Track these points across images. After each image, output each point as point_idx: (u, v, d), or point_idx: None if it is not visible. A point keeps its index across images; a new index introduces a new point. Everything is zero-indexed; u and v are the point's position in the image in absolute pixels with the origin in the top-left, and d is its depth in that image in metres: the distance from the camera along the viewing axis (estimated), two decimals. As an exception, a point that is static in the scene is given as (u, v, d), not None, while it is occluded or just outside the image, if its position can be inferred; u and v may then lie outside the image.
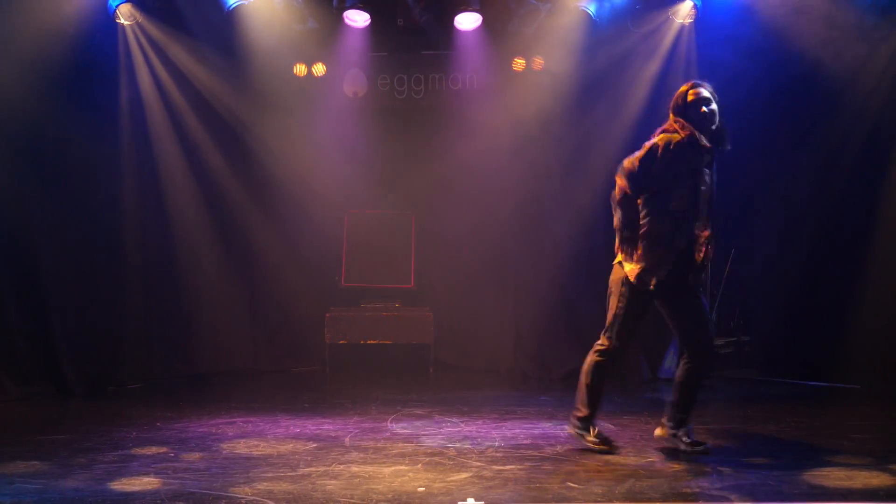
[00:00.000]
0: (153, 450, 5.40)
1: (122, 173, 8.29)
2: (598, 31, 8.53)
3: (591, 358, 5.31)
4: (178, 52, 8.58)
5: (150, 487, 4.53)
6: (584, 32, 8.51)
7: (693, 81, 5.33)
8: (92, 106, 8.06)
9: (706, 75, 8.36)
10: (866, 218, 7.93)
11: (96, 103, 8.12)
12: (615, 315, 5.27)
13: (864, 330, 7.90)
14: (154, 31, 8.46)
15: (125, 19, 8.32)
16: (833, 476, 4.73)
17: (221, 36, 8.55)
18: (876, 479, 4.66)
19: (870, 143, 7.95)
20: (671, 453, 5.25)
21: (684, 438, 5.23)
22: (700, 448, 5.18)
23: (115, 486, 4.56)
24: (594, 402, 5.31)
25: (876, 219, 7.87)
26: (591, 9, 8.39)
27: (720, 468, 4.90)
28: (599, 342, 5.31)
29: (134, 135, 8.38)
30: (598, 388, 5.29)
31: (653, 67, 8.59)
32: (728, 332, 8.94)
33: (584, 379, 5.31)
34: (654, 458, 5.14)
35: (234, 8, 8.31)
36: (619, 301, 5.27)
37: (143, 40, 8.43)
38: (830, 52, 7.88)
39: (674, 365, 7.69)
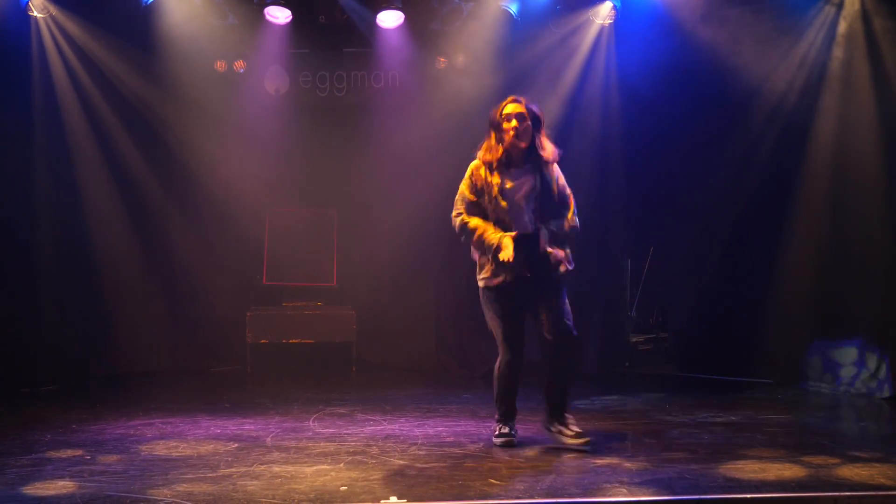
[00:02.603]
0: (68, 452, 5.28)
1: (36, 171, 8.09)
2: (520, 31, 8.60)
3: None
4: (95, 48, 8.41)
5: (65, 491, 4.43)
6: (506, 32, 8.58)
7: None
8: (3, 102, 7.86)
9: (625, 75, 8.62)
10: (778, 216, 8.12)
11: (7, 99, 7.92)
12: None
13: (775, 325, 8.10)
14: (69, 24, 8.27)
15: (38, 12, 8.12)
16: (747, 469, 4.85)
17: (139, 31, 8.40)
18: (788, 470, 4.79)
19: (783, 144, 8.14)
20: (592, 449, 5.31)
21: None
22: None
23: (29, 491, 4.45)
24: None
25: (787, 217, 8.06)
26: (513, 8, 8.46)
27: (639, 462, 4.98)
28: None
29: (48, 131, 8.19)
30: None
31: (573, 67, 8.70)
32: (647, 329, 9.10)
33: None
34: (575, 455, 5.20)
35: (151, 3, 8.17)
36: None
37: (57, 34, 8.24)
38: (746, 54, 8.05)
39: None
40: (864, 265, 7.64)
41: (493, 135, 5.52)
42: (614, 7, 8.50)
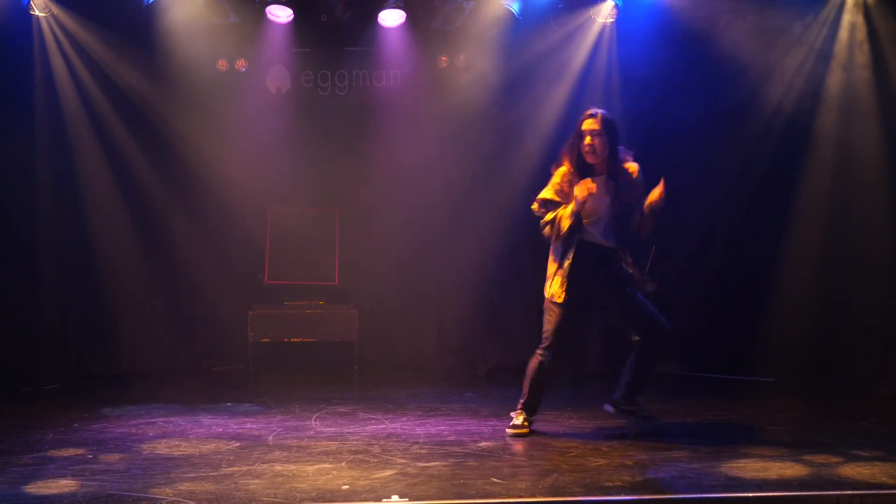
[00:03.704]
0: (70, 451, 5.29)
1: (37, 170, 8.08)
2: (522, 30, 8.59)
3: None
4: (96, 46, 8.39)
5: (67, 490, 4.44)
6: (508, 30, 8.57)
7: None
8: (4, 101, 7.87)
9: (626, 73, 8.61)
10: (780, 215, 8.12)
11: (9, 98, 7.92)
12: None
13: (777, 324, 8.10)
14: (70, 23, 8.25)
15: (40, 11, 8.11)
16: (749, 468, 4.85)
17: (141, 30, 8.38)
18: (790, 469, 4.79)
19: (784, 143, 8.14)
20: (593, 448, 5.32)
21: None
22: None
23: (31, 490, 4.46)
24: None
25: (789, 216, 8.06)
26: (515, 7, 8.45)
27: (641, 461, 4.98)
28: None
29: (49, 130, 8.17)
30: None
31: (575, 66, 8.68)
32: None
33: None
34: (577, 453, 5.21)
35: (153, 2, 8.18)
36: None
37: (58, 33, 8.22)
38: (748, 52, 8.05)
39: None
40: (866, 264, 7.63)
41: (574, 145, 5.73)
42: (616, 6, 8.49)
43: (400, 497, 4.25)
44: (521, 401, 5.82)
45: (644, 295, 5.82)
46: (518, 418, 5.77)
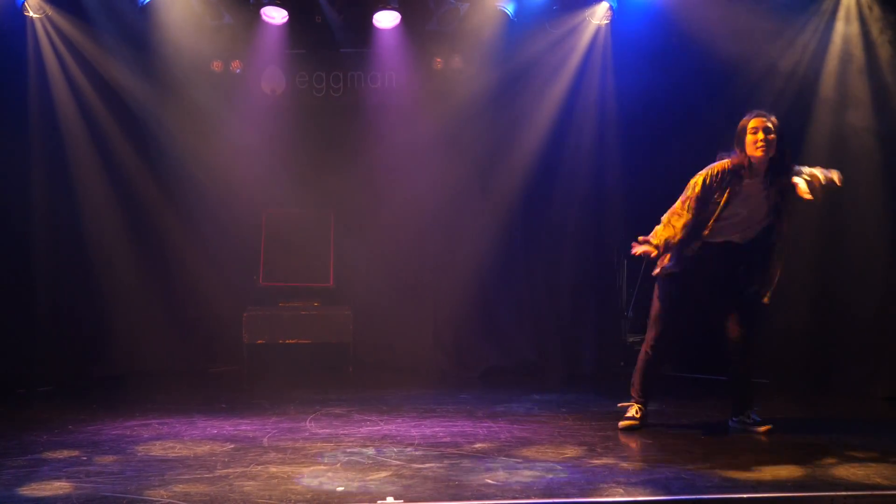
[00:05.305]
0: (65, 453, 5.28)
1: (32, 171, 8.09)
2: (516, 31, 8.60)
3: None
4: (91, 48, 8.39)
5: (61, 492, 4.43)
6: (503, 32, 8.58)
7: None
8: (-1, 104, 7.90)
9: (621, 75, 8.62)
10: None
11: (3, 99, 7.92)
12: None
13: (771, 326, 8.09)
14: (65, 24, 8.25)
15: (34, 12, 8.10)
16: (744, 468, 4.85)
17: (135, 31, 8.39)
18: (784, 470, 4.80)
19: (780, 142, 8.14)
20: (588, 449, 5.33)
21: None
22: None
23: (25, 492, 4.45)
24: None
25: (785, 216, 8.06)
26: (510, 9, 8.46)
27: (636, 463, 4.99)
28: None
29: (44, 132, 8.17)
30: None
31: (570, 67, 8.70)
32: (644, 329, 9.07)
33: None
34: (572, 455, 5.21)
35: (147, 3, 8.17)
36: None
37: (53, 34, 8.22)
38: (743, 52, 8.05)
39: None
40: (861, 265, 7.64)
41: (738, 146, 5.87)
42: (611, 7, 8.50)
43: (395, 498, 4.25)
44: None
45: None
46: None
